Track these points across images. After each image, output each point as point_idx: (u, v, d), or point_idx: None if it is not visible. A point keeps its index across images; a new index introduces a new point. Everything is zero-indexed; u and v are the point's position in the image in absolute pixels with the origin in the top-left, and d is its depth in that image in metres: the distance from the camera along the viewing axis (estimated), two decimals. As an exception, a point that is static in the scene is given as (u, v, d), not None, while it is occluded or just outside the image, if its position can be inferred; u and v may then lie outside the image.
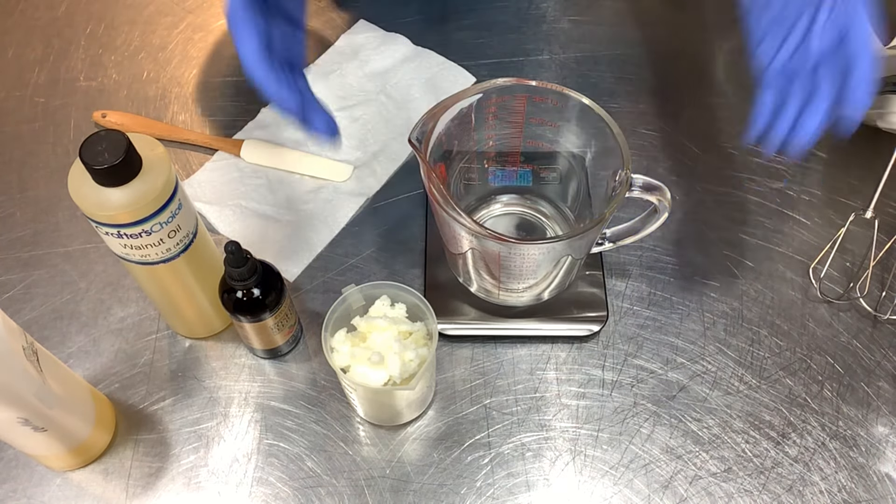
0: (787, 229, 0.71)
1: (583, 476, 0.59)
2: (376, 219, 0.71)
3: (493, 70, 0.81)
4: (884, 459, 0.60)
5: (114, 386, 0.62)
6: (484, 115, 0.59)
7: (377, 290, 0.57)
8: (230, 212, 0.70)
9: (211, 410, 0.61)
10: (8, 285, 0.67)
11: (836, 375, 0.63)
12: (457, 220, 0.52)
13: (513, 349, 0.64)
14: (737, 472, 0.59)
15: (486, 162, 0.65)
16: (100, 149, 0.45)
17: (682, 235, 0.70)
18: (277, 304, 0.56)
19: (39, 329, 0.64)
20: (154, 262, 0.53)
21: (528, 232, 0.67)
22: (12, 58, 0.82)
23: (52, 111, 0.78)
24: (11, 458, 0.59)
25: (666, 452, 0.60)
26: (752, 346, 0.65)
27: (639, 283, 0.68)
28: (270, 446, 0.60)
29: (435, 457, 0.59)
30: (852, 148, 0.76)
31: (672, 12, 0.88)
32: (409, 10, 0.85)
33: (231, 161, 0.74)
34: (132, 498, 0.58)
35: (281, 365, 0.63)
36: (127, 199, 0.47)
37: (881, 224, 0.65)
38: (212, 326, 0.64)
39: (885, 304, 0.66)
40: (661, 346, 0.65)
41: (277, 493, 0.58)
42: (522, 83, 0.57)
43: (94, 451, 0.58)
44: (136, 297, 0.66)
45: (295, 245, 0.69)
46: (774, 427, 0.61)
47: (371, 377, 0.53)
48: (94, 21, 0.85)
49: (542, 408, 0.62)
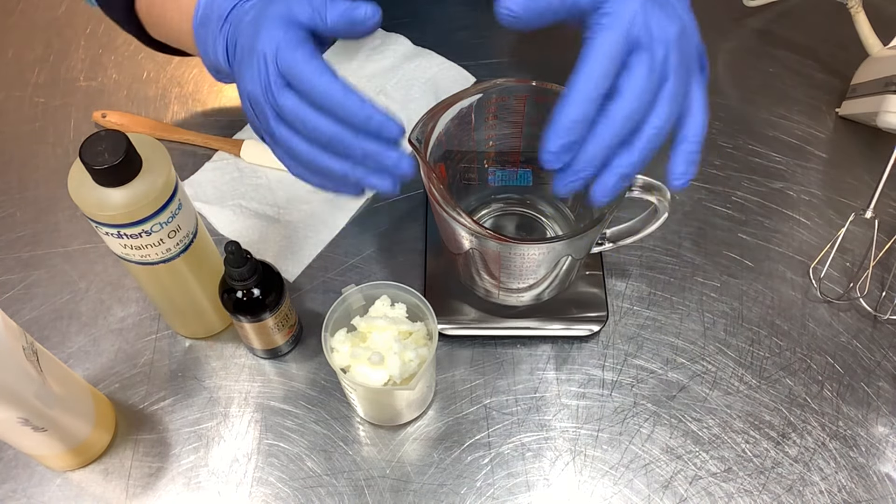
0: (787, 229, 0.71)
1: (583, 476, 0.59)
2: (376, 219, 0.71)
3: (493, 70, 0.81)
4: (884, 459, 0.60)
5: (114, 386, 0.62)
6: (484, 115, 0.59)
7: (377, 290, 0.57)
8: (230, 212, 0.70)
9: (211, 410, 0.61)
10: (8, 285, 0.67)
11: (836, 375, 0.63)
12: (457, 220, 0.52)
13: (513, 349, 0.64)
14: (737, 472, 0.59)
15: (486, 162, 0.65)
16: (100, 149, 0.45)
17: (682, 235, 0.70)
18: (277, 304, 0.56)
19: (39, 329, 0.64)
20: (154, 263, 0.53)
21: (528, 232, 0.67)
22: (12, 58, 0.82)
23: (52, 111, 0.78)
24: (11, 458, 0.59)
25: (666, 452, 0.60)
26: (752, 346, 0.65)
27: (639, 283, 0.68)
28: (270, 446, 0.60)
29: (435, 457, 0.59)
30: (852, 148, 0.77)
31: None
32: (408, 10, 0.85)
33: (231, 161, 0.74)
34: (132, 498, 0.58)
35: (281, 365, 0.63)
36: (127, 199, 0.47)
37: (881, 224, 0.65)
38: (212, 326, 0.64)
39: (885, 304, 0.66)
40: (661, 346, 0.65)
41: (277, 493, 0.58)
42: (522, 83, 0.57)
43: (94, 451, 0.58)
44: (136, 297, 0.66)
45: (295, 245, 0.69)
46: (774, 427, 0.61)
47: (371, 377, 0.53)
48: (94, 21, 0.85)
49: (542, 408, 0.62)
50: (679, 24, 0.43)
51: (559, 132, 0.42)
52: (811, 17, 0.86)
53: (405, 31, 0.83)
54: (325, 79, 0.43)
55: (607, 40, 0.42)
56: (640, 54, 0.42)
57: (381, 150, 0.44)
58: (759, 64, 0.83)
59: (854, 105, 0.76)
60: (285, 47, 0.43)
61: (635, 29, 0.42)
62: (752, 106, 0.79)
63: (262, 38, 0.44)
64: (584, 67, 0.42)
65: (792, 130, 0.77)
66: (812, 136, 0.77)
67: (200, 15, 0.51)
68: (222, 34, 0.50)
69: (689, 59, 0.45)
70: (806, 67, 0.82)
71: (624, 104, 0.42)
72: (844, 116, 0.78)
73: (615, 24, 0.42)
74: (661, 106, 0.43)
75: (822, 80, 0.81)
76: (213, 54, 0.51)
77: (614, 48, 0.42)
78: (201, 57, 0.53)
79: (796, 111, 0.79)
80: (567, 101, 0.42)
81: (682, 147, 0.45)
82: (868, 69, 0.76)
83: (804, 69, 0.82)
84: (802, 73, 0.82)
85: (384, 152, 0.44)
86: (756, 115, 0.79)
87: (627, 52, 0.42)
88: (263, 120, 0.46)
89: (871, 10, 0.76)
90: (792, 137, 0.77)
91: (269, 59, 0.43)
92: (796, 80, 0.81)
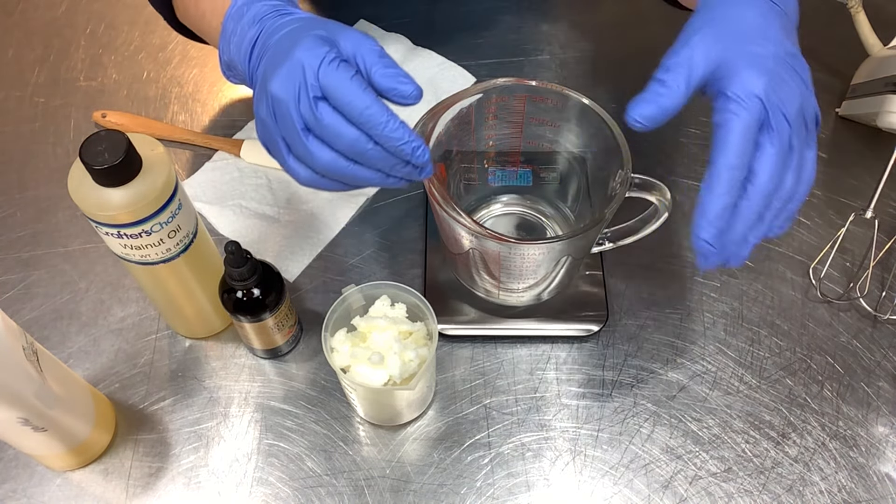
0: (788, 229, 0.71)
1: (583, 476, 0.59)
2: (376, 219, 0.71)
3: (493, 70, 0.81)
4: (884, 459, 0.60)
5: (114, 386, 0.62)
6: (484, 115, 0.59)
7: (377, 290, 0.57)
8: (230, 212, 0.70)
9: (211, 410, 0.61)
10: (8, 285, 0.67)
11: (836, 375, 0.63)
12: (457, 220, 0.52)
13: (513, 349, 0.64)
14: (737, 472, 0.59)
15: (486, 162, 0.65)
16: (100, 149, 0.45)
17: (682, 235, 0.70)
18: (277, 304, 0.56)
19: (39, 329, 0.64)
20: (154, 263, 0.53)
21: (528, 232, 0.67)
22: (12, 58, 0.82)
23: (52, 111, 0.78)
24: (11, 458, 0.59)
25: (666, 452, 0.60)
26: (752, 346, 0.65)
27: (639, 283, 0.68)
28: (270, 446, 0.60)
29: (435, 457, 0.59)
30: (852, 148, 0.77)
31: (672, 12, 0.88)
32: (408, 10, 0.85)
33: (231, 161, 0.74)
34: (132, 498, 0.58)
35: (281, 365, 0.63)
36: (127, 199, 0.47)
37: (881, 224, 0.65)
38: (212, 326, 0.64)
39: (885, 304, 0.66)
40: (661, 346, 0.65)
41: (277, 493, 0.58)
42: (522, 83, 0.57)
43: (94, 451, 0.58)
44: (136, 297, 0.66)
45: (295, 245, 0.69)
46: (774, 427, 0.61)
47: (371, 377, 0.53)
48: (94, 21, 0.85)
49: (542, 408, 0.62)
50: (800, 95, 0.45)
51: (711, 220, 0.44)
52: (811, 17, 0.86)
53: (405, 31, 0.83)
54: (365, 97, 0.44)
55: (739, 126, 0.43)
56: (770, 134, 0.44)
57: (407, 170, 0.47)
58: (759, 64, 0.83)
59: (854, 105, 0.76)
60: (329, 62, 0.44)
61: (764, 110, 0.44)
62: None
63: (303, 48, 0.45)
64: (724, 155, 0.43)
65: (792, 130, 0.77)
66: (812, 136, 0.77)
67: (236, 9, 0.51)
68: (251, 33, 0.50)
69: (808, 122, 0.46)
70: (806, 67, 0.82)
71: (761, 185, 0.44)
72: (844, 116, 0.78)
73: (743, 111, 0.43)
74: (788, 178, 0.45)
75: (822, 80, 0.81)
76: (236, 49, 0.51)
77: (748, 133, 0.43)
78: (220, 49, 0.53)
79: (796, 111, 0.79)
80: (714, 190, 0.44)
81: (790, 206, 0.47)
82: (868, 69, 0.76)
83: (804, 69, 0.82)
84: (802, 73, 0.82)
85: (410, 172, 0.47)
86: (756, 115, 0.78)
87: (758, 130, 0.44)
88: (287, 127, 0.46)
89: (871, 10, 0.76)
90: (792, 137, 0.77)
91: (308, 69, 0.44)
92: (796, 80, 0.81)
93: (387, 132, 0.45)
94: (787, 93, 0.44)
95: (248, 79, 0.51)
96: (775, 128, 0.44)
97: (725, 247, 0.45)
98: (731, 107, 0.44)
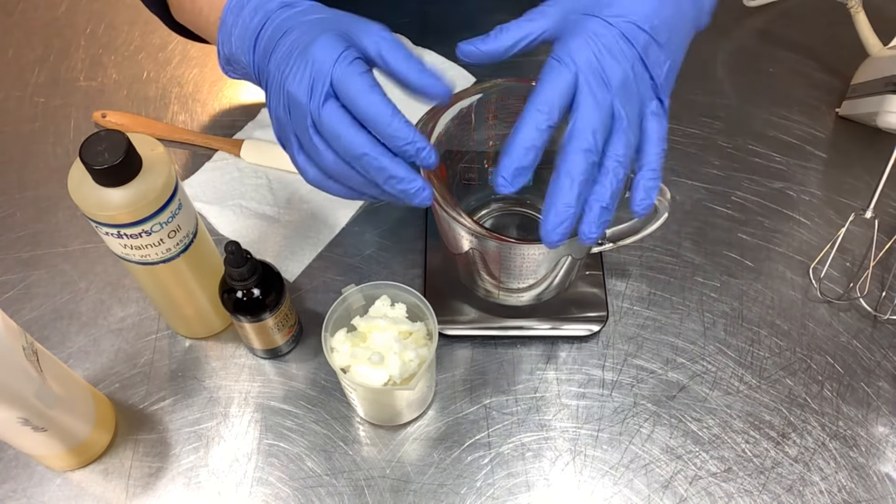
0: (787, 229, 0.71)
1: (583, 476, 0.59)
2: (376, 219, 0.71)
3: (493, 70, 0.81)
4: (884, 459, 0.60)
5: (114, 386, 0.62)
6: (484, 115, 0.59)
7: (377, 290, 0.57)
8: (230, 212, 0.70)
9: (211, 410, 0.61)
10: (8, 285, 0.67)
11: (836, 375, 0.63)
12: (457, 221, 0.52)
13: (513, 349, 0.64)
14: (737, 472, 0.59)
15: (486, 162, 0.65)
16: (100, 149, 0.45)
17: (682, 235, 0.70)
18: (277, 304, 0.56)
19: (39, 329, 0.64)
20: (154, 263, 0.53)
21: (528, 232, 0.67)
22: (12, 58, 0.82)
23: (52, 111, 0.78)
24: (11, 458, 0.59)
25: (666, 452, 0.60)
26: (752, 346, 0.65)
27: (639, 283, 0.68)
28: (270, 446, 0.60)
29: (435, 457, 0.59)
30: (852, 148, 0.77)
31: (672, 12, 0.88)
32: (408, 10, 0.85)
33: (231, 161, 0.74)
34: (132, 498, 0.58)
35: (281, 365, 0.63)
36: (127, 199, 0.47)
37: (881, 224, 0.65)
38: (212, 326, 0.64)
39: (885, 304, 0.66)
40: (661, 346, 0.65)
41: (277, 493, 0.58)
42: (522, 83, 0.57)
43: (94, 451, 0.58)
44: (136, 297, 0.66)
45: (295, 245, 0.69)
46: (774, 427, 0.61)
47: (371, 377, 0.53)
48: (94, 21, 0.85)
49: (542, 408, 0.62)
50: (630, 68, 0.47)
51: (512, 156, 0.46)
52: (811, 17, 0.86)
53: (405, 31, 0.82)
54: (372, 94, 0.44)
55: (550, 76, 0.46)
56: (584, 91, 0.46)
57: (409, 176, 0.46)
58: (759, 64, 0.83)
59: (854, 105, 0.76)
60: (342, 60, 0.44)
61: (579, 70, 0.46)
62: (752, 106, 0.79)
63: (319, 46, 0.45)
64: (532, 101, 0.46)
65: (792, 130, 0.77)
66: (812, 136, 0.77)
67: (236, 1, 0.51)
68: (253, 23, 0.49)
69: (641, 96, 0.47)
70: (806, 67, 0.82)
71: (573, 132, 0.46)
72: (844, 116, 0.78)
73: (557, 65, 0.46)
74: (617, 141, 0.46)
75: (822, 80, 0.81)
76: (238, 41, 0.50)
77: (559, 84, 0.46)
78: (218, 44, 0.52)
79: (796, 111, 0.79)
80: (518, 131, 0.46)
81: (641, 175, 0.48)
82: (868, 69, 0.76)
83: (804, 69, 0.82)
84: (802, 73, 0.82)
85: (411, 180, 0.46)
86: (756, 115, 0.79)
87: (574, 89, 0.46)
88: (298, 123, 0.46)
89: (871, 10, 0.76)
90: (792, 137, 0.77)
91: (323, 66, 0.44)
92: (796, 80, 0.81)
93: (391, 130, 0.45)
94: (611, 62, 0.46)
95: (251, 72, 0.50)
96: (591, 86, 0.45)
97: (559, 205, 0.47)
98: (548, 63, 0.47)
